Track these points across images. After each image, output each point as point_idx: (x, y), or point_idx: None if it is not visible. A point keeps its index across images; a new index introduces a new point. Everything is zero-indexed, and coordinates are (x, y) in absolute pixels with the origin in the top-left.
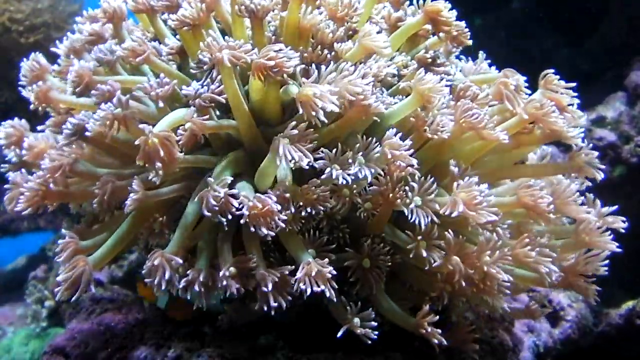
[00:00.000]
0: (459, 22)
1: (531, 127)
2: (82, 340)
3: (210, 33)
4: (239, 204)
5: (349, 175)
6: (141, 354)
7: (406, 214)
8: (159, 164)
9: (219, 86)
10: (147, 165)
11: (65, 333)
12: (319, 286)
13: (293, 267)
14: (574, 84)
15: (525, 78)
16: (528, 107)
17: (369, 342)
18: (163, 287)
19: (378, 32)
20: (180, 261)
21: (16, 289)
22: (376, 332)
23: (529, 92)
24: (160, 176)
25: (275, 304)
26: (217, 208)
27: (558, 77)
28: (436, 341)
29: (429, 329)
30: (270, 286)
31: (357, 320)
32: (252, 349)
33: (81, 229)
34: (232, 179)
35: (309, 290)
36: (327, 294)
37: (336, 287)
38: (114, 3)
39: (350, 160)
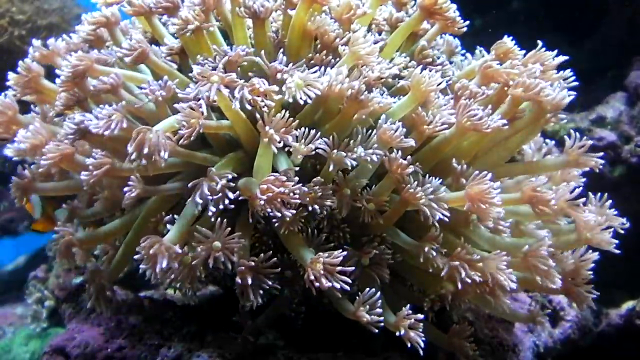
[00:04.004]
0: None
1: (522, 110)
2: (82, 340)
3: (211, 32)
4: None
5: (352, 159)
6: (141, 354)
7: (421, 213)
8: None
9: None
10: (137, 154)
11: (65, 333)
12: (332, 282)
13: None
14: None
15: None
16: (516, 91)
17: (376, 331)
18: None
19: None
20: (179, 250)
21: (16, 289)
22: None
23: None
24: (152, 165)
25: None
26: (209, 198)
27: (545, 49)
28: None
29: (407, 330)
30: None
31: (363, 310)
32: (252, 348)
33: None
34: (233, 175)
35: (327, 285)
36: (338, 287)
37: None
38: (107, 11)
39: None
